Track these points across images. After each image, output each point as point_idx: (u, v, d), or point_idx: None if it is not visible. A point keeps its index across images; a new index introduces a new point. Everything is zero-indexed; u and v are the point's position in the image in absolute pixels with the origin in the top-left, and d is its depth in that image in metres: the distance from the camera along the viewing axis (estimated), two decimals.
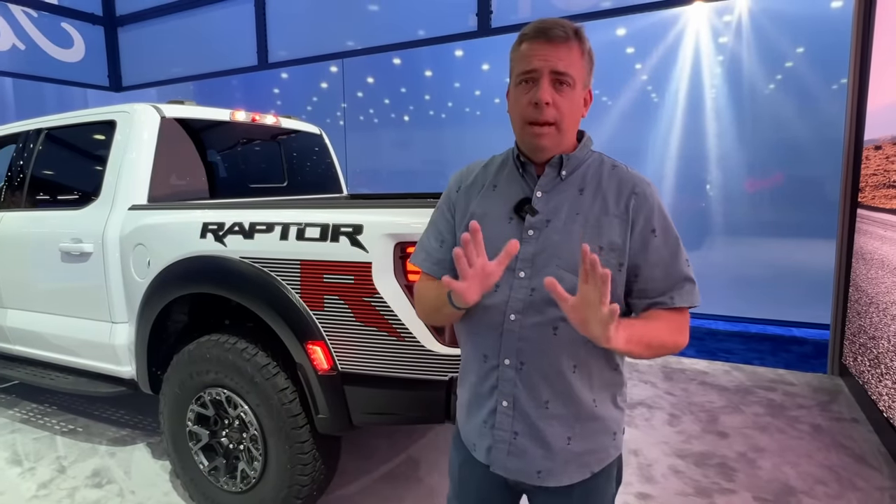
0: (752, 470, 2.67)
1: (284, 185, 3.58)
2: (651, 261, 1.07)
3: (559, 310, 0.97)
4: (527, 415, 1.09)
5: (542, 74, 1.02)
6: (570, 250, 1.04)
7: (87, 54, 7.04)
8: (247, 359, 2.13)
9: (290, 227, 2.04)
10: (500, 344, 1.08)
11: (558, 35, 1.02)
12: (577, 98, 1.06)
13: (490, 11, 4.87)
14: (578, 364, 1.07)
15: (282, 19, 6.16)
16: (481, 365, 1.13)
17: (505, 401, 1.10)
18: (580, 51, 1.05)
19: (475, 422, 1.16)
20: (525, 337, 1.06)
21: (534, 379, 1.07)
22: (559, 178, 1.09)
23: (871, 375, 3.16)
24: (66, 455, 2.94)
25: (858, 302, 3.51)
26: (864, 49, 3.61)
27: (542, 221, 1.07)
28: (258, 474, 2.19)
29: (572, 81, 1.04)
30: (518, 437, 1.10)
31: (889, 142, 3.13)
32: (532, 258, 1.06)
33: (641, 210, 1.06)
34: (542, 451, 1.09)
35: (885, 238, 3.08)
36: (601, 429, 1.12)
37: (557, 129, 1.05)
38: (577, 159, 1.10)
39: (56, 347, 2.89)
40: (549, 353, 1.06)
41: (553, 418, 1.08)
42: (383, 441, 3.01)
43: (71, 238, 2.66)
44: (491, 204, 1.13)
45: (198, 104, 2.99)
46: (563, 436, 1.09)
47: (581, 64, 1.05)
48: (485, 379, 1.12)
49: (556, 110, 1.03)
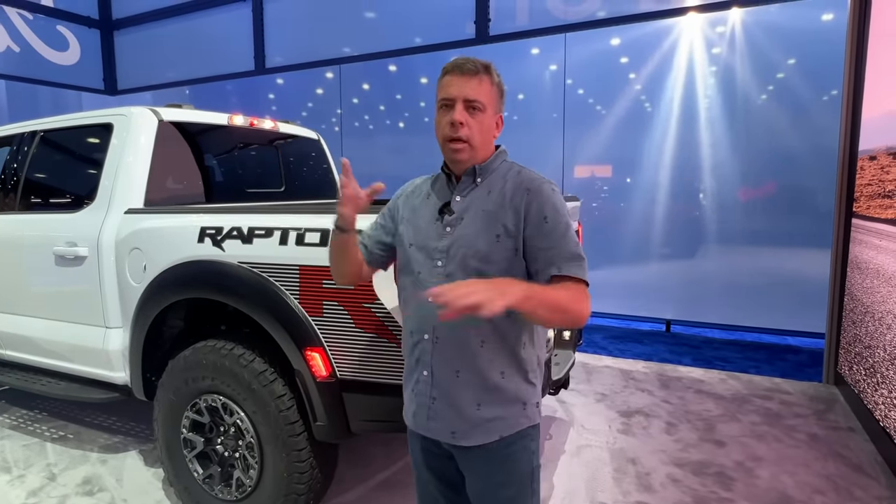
0: (749, 479, 2.66)
1: (282, 190, 3.56)
2: (544, 243, 1.24)
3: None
4: (442, 383, 1.28)
5: (456, 101, 1.25)
6: (475, 239, 1.25)
7: (83, 57, 7.00)
8: (244, 365, 2.10)
9: (290, 231, 2.03)
10: (421, 322, 1.30)
11: (469, 69, 1.25)
12: (488, 120, 1.29)
13: (488, 19, 4.89)
14: (486, 340, 1.25)
15: (279, 25, 6.16)
16: (409, 339, 1.34)
17: (425, 370, 1.30)
18: (490, 82, 1.28)
19: (407, 390, 1.38)
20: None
21: (447, 351, 1.27)
22: (474, 184, 1.32)
23: (866, 385, 3.17)
24: (57, 462, 2.89)
25: (854, 311, 3.53)
26: (859, 59, 3.65)
27: (456, 219, 1.30)
28: (254, 483, 2.16)
29: (482, 106, 1.26)
30: (435, 402, 1.29)
31: (884, 152, 3.16)
32: (447, 249, 1.27)
33: (533, 202, 1.25)
34: (454, 414, 1.28)
35: (881, 248, 3.10)
36: (510, 399, 1.29)
37: (470, 145, 1.27)
38: (488, 168, 1.33)
39: (48, 352, 2.84)
40: (459, 331, 1.24)
41: (463, 386, 1.27)
42: (380, 449, 2.98)
43: (66, 241, 2.63)
44: (424, 208, 1.36)
45: (195, 108, 2.98)
46: (472, 402, 1.27)
47: (490, 92, 1.28)
48: (412, 352, 1.34)
49: (468, 130, 1.26)
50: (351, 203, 1.30)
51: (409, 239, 1.35)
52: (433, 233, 1.31)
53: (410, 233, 1.35)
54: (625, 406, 3.56)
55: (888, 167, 3.06)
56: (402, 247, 1.37)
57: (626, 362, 4.50)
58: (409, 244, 1.34)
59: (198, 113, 2.94)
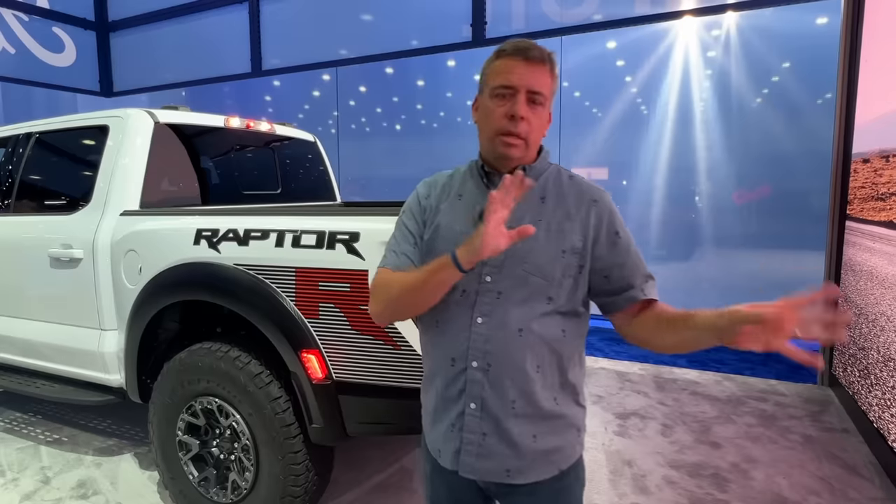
0: (745, 480, 2.67)
1: (278, 192, 3.56)
2: (619, 260, 1.14)
3: (525, 313, 1.10)
4: (494, 415, 1.12)
5: (519, 91, 1.09)
6: (536, 254, 1.10)
7: (79, 59, 6.98)
8: (240, 367, 2.10)
9: (286, 234, 2.03)
10: (467, 347, 1.12)
11: (535, 56, 1.10)
12: (545, 116, 1.15)
13: (485, 22, 4.90)
14: (542, 364, 1.12)
15: (275, 27, 6.15)
16: (449, 369, 1.15)
17: (473, 403, 1.13)
18: (551, 73, 1.13)
19: (441, 427, 1.19)
20: (492, 339, 1.11)
21: (501, 380, 1.11)
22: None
23: (861, 386, 3.19)
24: (51, 465, 2.88)
25: (848, 313, 3.55)
26: (852, 63, 3.68)
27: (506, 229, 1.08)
28: (249, 485, 2.15)
29: (543, 100, 1.12)
30: (486, 438, 1.13)
31: (877, 155, 3.19)
32: (499, 263, 1.11)
33: (602, 216, 1.14)
34: (509, 451, 1.13)
35: (874, 250, 3.12)
36: (565, 426, 1.17)
37: (526, 143, 1.12)
38: (537, 170, 1.18)
39: (43, 355, 2.83)
40: (515, 355, 1.10)
41: (519, 417, 1.13)
42: (376, 451, 2.98)
43: (61, 243, 2.62)
44: (458, 213, 1.18)
45: (191, 110, 2.98)
46: (529, 434, 1.13)
47: (550, 86, 1.13)
48: (452, 383, 1.15)
49: (528, 126, 1.11)
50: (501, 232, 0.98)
51: (443, 247, 1.13)
52: None
53: (446, 243, 1.13)
54: (620, 408, 3.57)
55: (881, 170, 3.09)
56: (433, 256, 1.13)
57: (622, 364, 4.50)
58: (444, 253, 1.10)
59: (194, 115, 2.94)
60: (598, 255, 1.13)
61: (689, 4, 4.32)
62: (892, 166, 2.93)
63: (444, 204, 1.21)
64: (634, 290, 1.14)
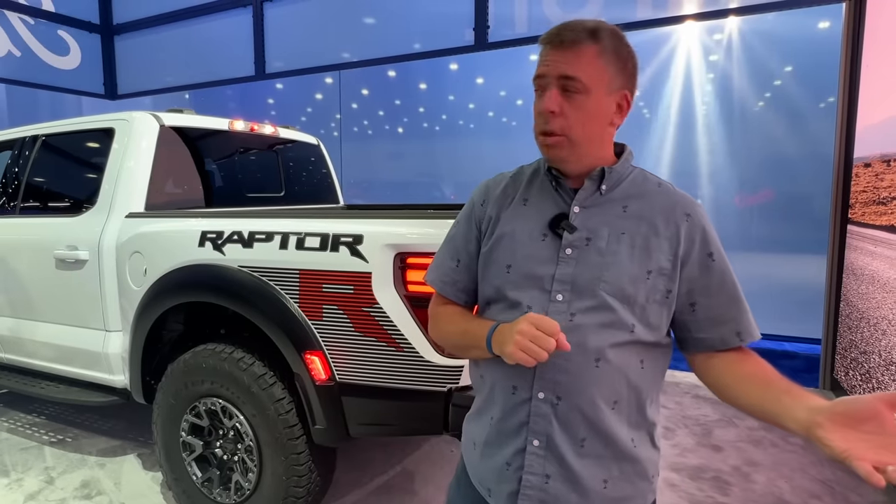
0: (746, 484, 2.67)
1: (282, 195, 3.58)
2: (713, 287, 0.97)
3: (603, 339, 0.93)
4: (561, 455, 0.96)
5: (549, 81, 0.95)
6: (617, 273, 0.94)
7: (83, 62, 7.03)
8: (243, 368, 2.11)
9: (290, 236, 2.05)
10: (533, 375, 0.96)
11: (566, 38, 0.93)
12: (594, 105, 0.94)
13: (487, 26, 4.93)
14: (619, 399, 0.96)
15: (279, 30, 6.19)
16: (508, 398, 0.99)
17: (536, 440, 0.97)
18: (596, 52, 0.93)
19: (494, 463, 1.03)
20: (564, 369, 0.95)
21: (571, 415, 0.96)
22: (599, 192, 0.99)
23: (862, 390, 3.19)
24: (55, 466, 2.89)
25: (849, 317, 3.55)
26: (854, 67, 3.69)
27: (581, 240, 0.97)
28: (253, 486, 2.16)
29: (583, 87, 0.93)
30: (550, 481, 0.97)
31: (878, 159, 3.20)
32: (571, 280, 0.96)
33: (696, 234, 0.96)
34: (576, 497, 0.97)
35: (875, 254, 3.13)
36: (639, 471, 1.00)
37: (569, 139, 0.95)
38: (618, 173, 1.00)
39: (47, 356, 2.85)
40: (590, 388, 0.95)
41: (589, 458, 0.97)
42: (378, 453, 2.99)
43: (66, 245, 2.64)
44: (521, 220, 1.02)
45: (196, 113, 3.00)
46: (599, 478, 0.97)
47: (597, 66, 0.93)
48: (512, 414, 0.99)
49: (564, 120, 0.94)
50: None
51: (505, 259, 1.01)
52: (543, 254, 0.98)
53: (508, 253, 1.01)
54: None
55: (882, 174, 3.10)
56: (496, 271, 1.02)
57: None
58: (508, 266, 1.01)
59: (199, 118, 2.96)
60: (685, 278, 0.96)
61: (692, 9, 4.34)
62: (893, 170, 2.94)
63: (507, 211, 1.05)
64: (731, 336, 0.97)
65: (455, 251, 1.11)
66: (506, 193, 1.07)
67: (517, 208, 1.04)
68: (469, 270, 1.09)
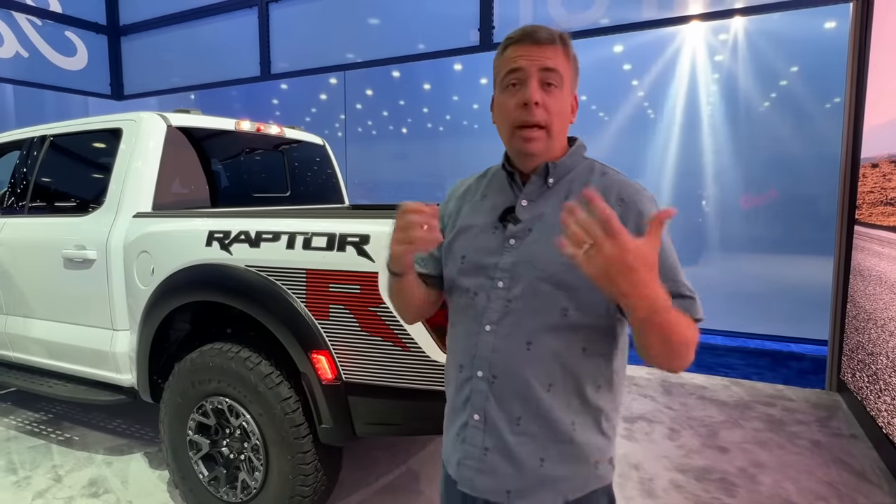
0: (752, 485, 2.66)
1: (287, 195, 3.59)
2: None
3: (534, 323, 0.99)
4: (498, 430, 1.03)
5: (529, 74, 0.99)
6: (549, 259, 0.98)
7: (90, 63, 7.06)
8: (250, 368, 2.12)
9: (297, 236, 2.05)
10: (474, 355, 1.05)
11: (544, 37, 1.00)
12: (566, 100, 1.02)
13: (492, 27, 4.93)
14: (554, 383, 1.00)
15: (284, 31, 6.21)
16: (457, 375, 1.10)
17: (476, 414, 1.05)
18: (565, 53, 1.02)
19: (449, 435, 1.13)
20: (498, 349, 1.02)
21: (505, 394, 1.02)
22: (546, 185, 1.05)
23: (869, 391, 3.18)
24: (63, 464, 2.91)
25: (856, 318, 3.54)
26: (861, 67, 3.68)
27: (523, 230, 1.04)
28: (259, 484, 2.17)
29: (560, 81, 1.00)
30: (488, 454, 1.04)
31: (886, 159, 3.18)
32: (511, 268, 1.02)
33: (629, 218, 0.98)
34: (512, 470, 1.03)
35: (883, 255, 3.11)
36: (578, 455, 1.03)
37: (548, 132, 1.01)
38: (564, 166, 1.06)
39: (55, 354, 2.87)
40: (522, 369, 1.01)
41: (525, 436, 1.02)
42: (383, 453, 2.99)
43: (74, 245, 2.66)
44: (478, 214, 1.10)
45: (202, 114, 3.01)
46: (535, 456, 1.02)
47: (567, 65, 1.02)
48: (460, 390, 1.09)
49: (545, 112, 0.99)
50: (420, 243, 0.97)
51: (461, 251, 1.09)
52: (492, 245, 1.05)
53: (464, 244, 1.10)
54: (627, 412, 3.57)
55: (890, 174, 3.08)
56: (453, 261, 1.11)
57: (630, 368, 4.47)
58: (462, 257, 1.09)
59: (205, 118, 2.97)
60: None
61: (697, 9, 4.33)
62: None
63: (467, 206, 1.13)
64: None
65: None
66: (468, 191, 1.17)
67: (476, 203, 1.12)
68: (434, 260, 1.17)
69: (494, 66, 1.08)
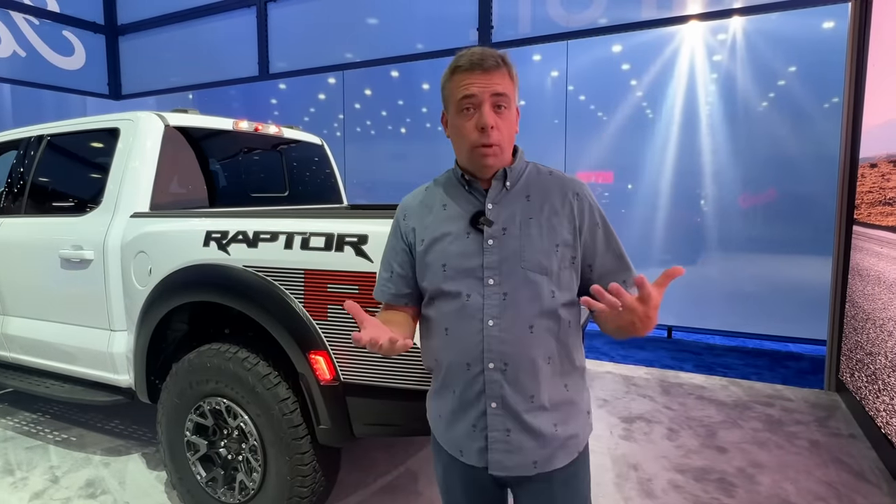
0: (751, 486, 2.66)
1: (285, 195, 3.58)
2: (600, 250, 1.21)
3: (533, 308, 1.14)
4: (515, 411, 1.16)
5: (483, 100, 1.12)
6: (532, 251, 1.15)
7: (88, 62, 7.05)
8: (248, 368, 2.11)
9: (295, 236, 2.05)
10: (481, 350, 1.15)
11: (491, 65, 1.12)
12: (513, 117, 1.18)
13: (491, 27, 4.92)
14: (552, 355, 1.17)
15: (283, 31, 6.20)
16: (464, 373, 1.18)
17: (493, 402, 1.16)
18: (507, 74, 1.15)
19: (462, 427, 1.21)
20: (506, 339, 1.15)
21: (518, 377, 1.15)
22: (505, 189, 1.20)
23: (868, 391, 3.18)
24: (60, 465, 2.90)
25: (855, 318, 3.54)
26: (859, 67, 3.68)
27: (499, 230, 1.17)
28: (257, 486, 2.16)
29: (508, 102, 1.15)
30: (511, 434, 1.17)
31: (884, 159, 3.18)
32: (498, 265, 1.15)
33: (584, 208, 1.20)
34: (535, 442, 1.17)
35: (882, 255, 3.11)
36: (578, 410, 1.23)
37: (501, 148, 1.16)
38: (517, 171, 1.22)
39: (52, 355, 2.86)
40: (530, 351, 1.15)
41: (539, 409, 1.17)
42: (382, 453, 2.99)
43: (71, 245, 2.65)
44: (446, 223, 1.21)
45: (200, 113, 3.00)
46: (550, 423, 1.18)
47: (511, 85, 1.16)
48: (471, 385, 1.18)
49: (498, 132, 1.14)
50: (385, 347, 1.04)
51: (439, 260, 1.19)
52: (469, 249, 1.17)
53: (440, 253, 1.19)
54: (626, 412, 3.56)
55: (889, 174, 3.08)
56: (433, 272, 1.20)
57: (628, 368, 4.50)
58: (443, 265, 1.18)
59: (203, 118, 2.96)
60: (583, 244, 1.20)
61: (696, 9, 4.33)
62: None
63: (429, 217, 1.24)
64: (616, 278, 1.18)
65: (388, 264, 1.30)
66: (424, 204, 1.27)
67: (439, 214, 1.23)
68: (401, 278, 1.27)
69: (444, 88, 1.20)
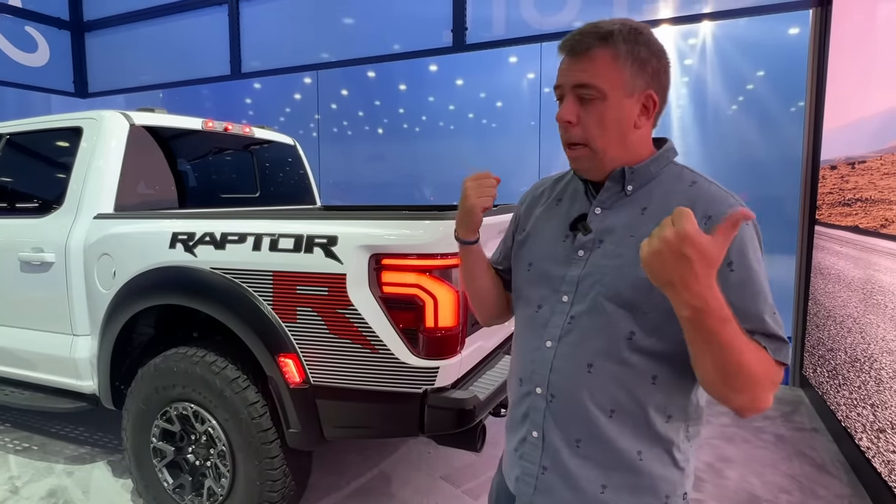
0: (719, 480, 2.72)
1: (257, 196, 3.54)
2: (729, 300, 0.77)
3: (596, 344, 0.92)
4: (556, 450, 0.97)
5: (565, 91, 0.95)
6: (616, 277, 0.91)
7: (52, 59, 6.84)
8: (216, 372, 2.08)
9: (264, 237, 2.02)
10: (532, 370, 0.99)
11: (578, 46, 0.92)
12: (613, 110, 0.91)
13: (465, 28, 4.94)
14: (617, 410, 0.92)
15: (255, 29, 6.12)
16: (517, 389, 1.04)
17: (535, 431, 0.99)
18: (610, 56, 0.90)
19: (509, 448, 1.08)
20: (557, 368, 0.96)
21: (563, 415, 0.96)
22: (623, 193, 0.96)
23: (829, 386, 3.28)
24: (20, 475, 2.81)
25: (817, 315, 3.65)
26: (820, 72, 3.80)
27: (593, 241, 0.96)
28: (226, 491, 2.13)
29: (599, 94, 0.91)
30: (546, 473, 0.98)
31: (843, 161, 3.29)
32: (577, 281, 0.95)
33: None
34: (570, 494, 0.96)
35: (841, 254, 3.21)
36: (646, 487, 0.94)
37: (591, 150, 0.93)
38: (644, 172, 0.95)
39: (12, 361, 2.76)
40: (581, 392, 0.93)
41: (585, 459, 0.95)
42: (355, 456, 2.97)
43: (32, 247, 2.57)
44: (551, 219, 1.04)
45: (168, 113, 2.94)
46: (596, 482, 0.95)
47: (614, 70, 0.90)
48: (518, 404, 1.03)
49: (581, 129, 0.93)
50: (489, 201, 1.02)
51: (528, 257, 1.05)
52: (560, 254, 0.99)
53: (532, 250, 1.05)
54: None
55: (847, 176, 3.18)
56: (520, 267, 1.06)
57: None
58: (529, 264, 1.04)
59: (171, 117, 2.91)
60: None
61: (667, 13, 4.42)
62: (857, 173, 3.03)
63: (541, 208, 1.08)
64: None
65: (504, 242, 1.20)
66: (543, 194, 1.11)
67: (550, 208, 1.07)
68: (507, 259, 1.16)
69: None
